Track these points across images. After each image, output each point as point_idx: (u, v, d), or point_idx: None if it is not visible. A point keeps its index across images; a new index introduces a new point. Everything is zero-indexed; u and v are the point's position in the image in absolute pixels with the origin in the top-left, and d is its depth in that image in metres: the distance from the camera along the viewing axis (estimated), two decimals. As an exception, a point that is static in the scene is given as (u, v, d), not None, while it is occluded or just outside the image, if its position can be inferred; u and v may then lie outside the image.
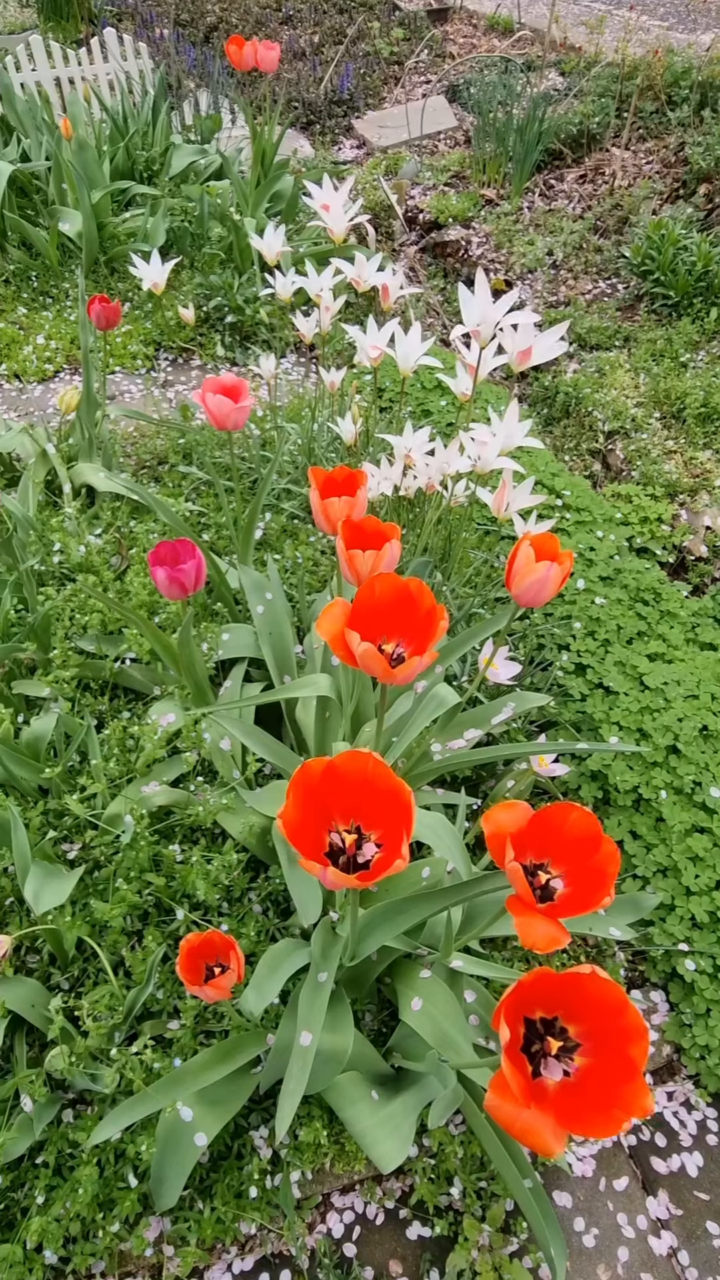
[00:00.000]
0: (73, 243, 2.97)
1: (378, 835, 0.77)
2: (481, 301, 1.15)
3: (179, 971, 0.85)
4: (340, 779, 0.76)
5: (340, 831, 0.77)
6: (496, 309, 1.16)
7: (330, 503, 1.03)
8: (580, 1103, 0.66)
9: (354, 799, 0.77)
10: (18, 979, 1.23)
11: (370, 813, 0.77)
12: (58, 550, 1.83)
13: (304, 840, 0.72)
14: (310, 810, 0.75)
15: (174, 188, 3.15)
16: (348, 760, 0.75)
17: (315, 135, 4.29)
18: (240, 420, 1.38)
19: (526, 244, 3.33)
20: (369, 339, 1.44)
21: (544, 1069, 0.69)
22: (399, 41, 4.80)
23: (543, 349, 1.19)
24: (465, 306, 1.17)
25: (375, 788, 0.76)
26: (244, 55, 2.41)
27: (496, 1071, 0.65)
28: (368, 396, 2.41)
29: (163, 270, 1.82)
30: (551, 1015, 0.71)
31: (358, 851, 0.76)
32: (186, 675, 1.42)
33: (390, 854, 0.71)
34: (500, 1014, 0.64)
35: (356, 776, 0.76)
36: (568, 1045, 0.69)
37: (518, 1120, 0.63)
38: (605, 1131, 0.62)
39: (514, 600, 1.13)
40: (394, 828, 0.74)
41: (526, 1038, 0.70)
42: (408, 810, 0.72)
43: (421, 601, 0.90)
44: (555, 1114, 0.64)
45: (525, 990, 0.66)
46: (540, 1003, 0.70)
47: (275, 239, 1.73)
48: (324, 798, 0.77)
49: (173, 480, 2.20)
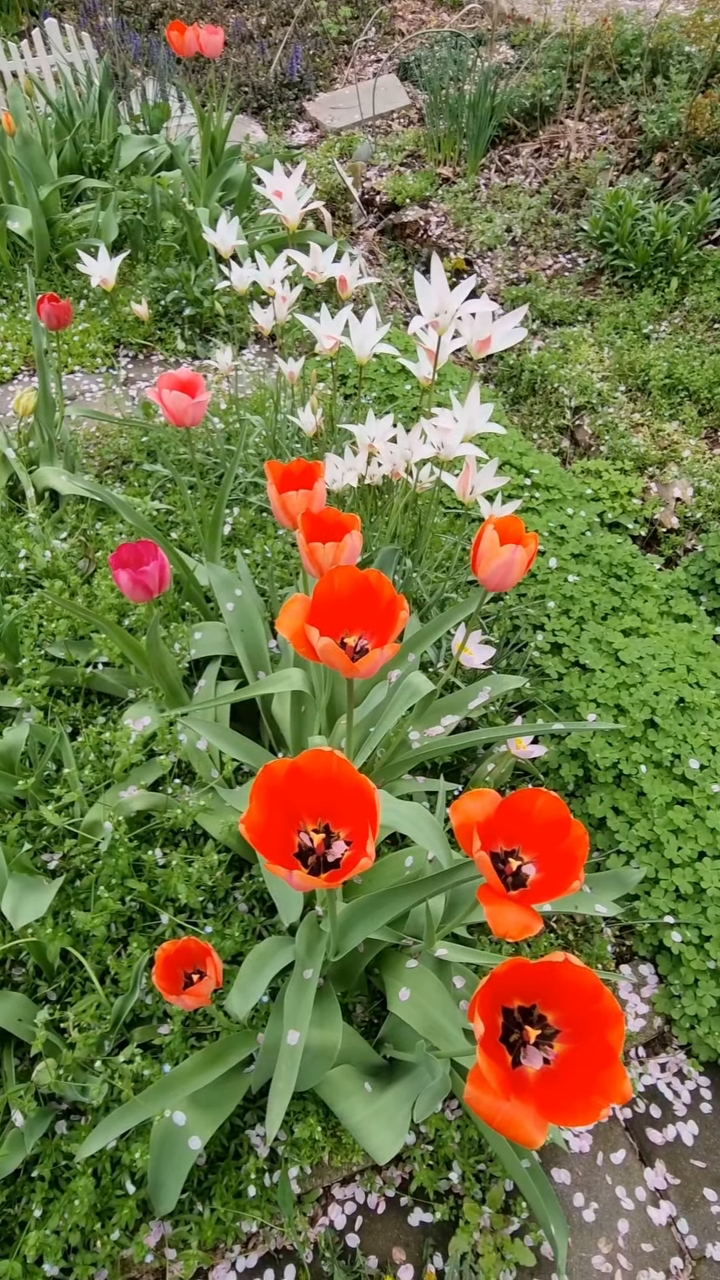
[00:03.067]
0: (23, 241, 2.91)
1: (347, 833, 0.76)
2: (438, 290, 1.13)
3: (156, 981, 0.84)
4: (306, 779, 0.75)
5: (309, 831, 0.76)
6: (454, 296, 1.14)
7: (288, 496, 1.01)
8: (559, 1090, 0.65)
9: (321, 798, 0.76)
10: (3, 993, 1.22)
11: (338, 811, 0.77)
12: (23, 557, 1.80)
13: (270, 843, 0.72)
14: (277, 812, 0.74)
15: (124, 180, 3.09)
16: (311, 760, 0.74)
17: (267, 120, 4.23)
18: (198, 416, 1.36)
19: (485, 221, 3.30)
20: (323, 328, 1.42)
21: (524, 1058, 0.68)
22: (347, 20, 4.73)
23: (501, 336, 1.17)
24: (422, 296, 1.15)
25: (340, 786, 0.75)
26: (186, 41, 2.35)
27: (475, 1064, 0.65)
28: (331, 385, 2.39)
29: (111, 265, 1.78)
30: (529, 1004, 0.70)
31: (327, 850, 0.76)
32: (158, 677, 1.41)
33: (357, 852, 0.70)
34: (475, 1007, 0.64)
35: (321, 775, 0.75)
36: (546, 1033, 0.69)
37: (498, 1112, 0.63)
38: (585, 1119, 0.62)
39: (482, 584, 1.12)
40: (362, 825, 0.73)
41: (505, 1027, 0.70)
42: (372, 807, 0.71)
43: (382, 593, 0.89)
44: (536, 1103, 0.64)
45: (500, 981, 0.66)
46: (517, 992, 0.70)
47: (229, 231, 1.70)
48: (291, 798, 0.76)
49: (138, 479, 2.18)
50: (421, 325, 1.20)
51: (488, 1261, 1.21)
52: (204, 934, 1.29)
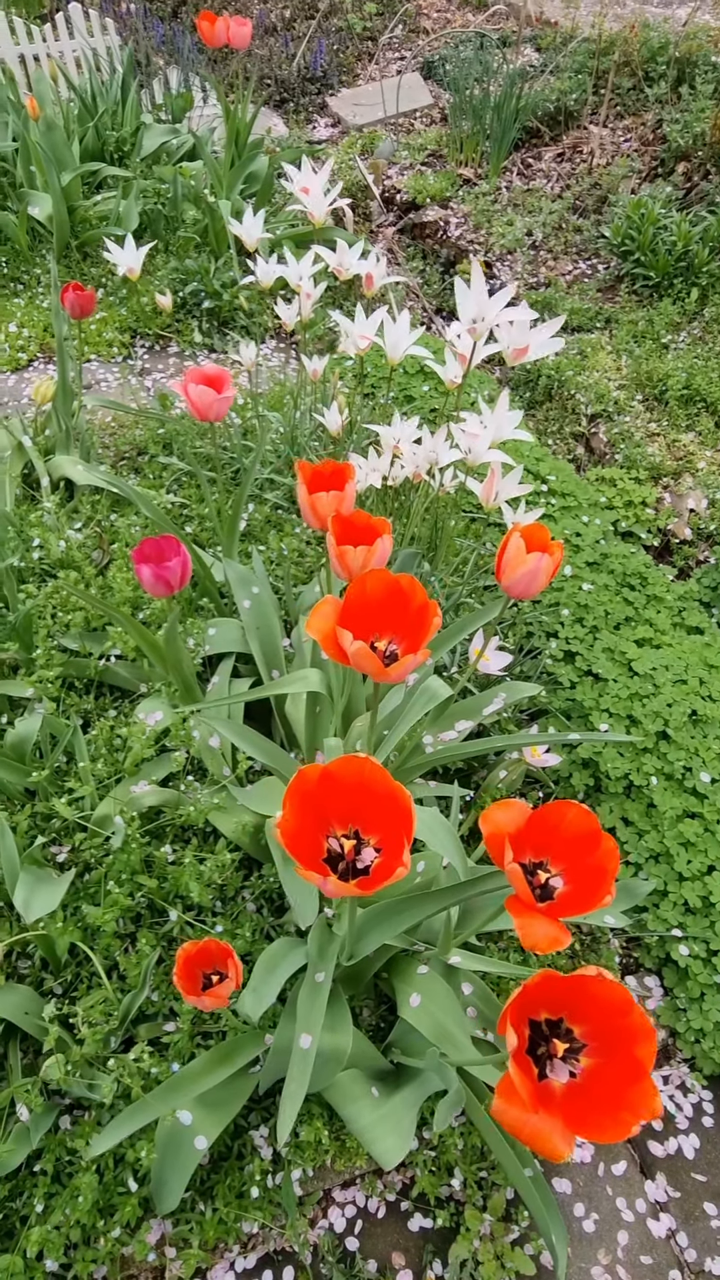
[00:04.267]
0: (43, 227, 2.90)
1: (376, 840, 0.76)
2: (478, 295, 1.13)
3: (176, 981, 0.84)
4: (337, 784, 0.75)
5: (339, 837, 0.75)
6: (493, 304, 1.13)
7: (318, 497, 1.01)
8: (587, 1105, 0.65)
9: (351, 803, 0.76)
10: (10, 986, 1.21)
11: (368, 817, 0.76)
12: (37, 546, 1.79)
13: (302, 848, 0.71)
14: (308, 816, 0.74)
15: (146, 169, 3.08)
16: (344, 765, 0.74)
17: (289, 114, 4.21)
18: (223, 411, 1.35)
19: (505, 224, 3.29)
20: (357, 328, 1.41)
21: (550, 1071, 0.68)
22: (372, 17, 4.71)
23: (538, 345, 1.17)
24: (461, 301, 1.14)
25: (372, 791, 0.75)
26: (215, 31, 2.34)
27: (503, 1076, 0.64)
28: (349, 383, 2.38)
29: (138, 255, 1.77)
30: (556, 1016, 0.70)
31: (356, 857, 0.75)
32: (173, 673, 1.40)
33: (392, 860, 0.69)
34: (506, 1018, 0.63)
35: (353, 780, 0.75)
36: (573, 1046, 0.68)
37: (526, 1125, 0.62)
38: (614, 1135, 0.62)
39: (505, 592, 1.12)
40: (393, 832, 0.73)
41: (531, 1040, 0.69)
42: (407, 814, 0.70)
43: (413, 597, 0.88)
44: (563, 1117, 0.64)
45: (531, 993, 0.65)
46: (545, 1004, 0.69)
47: (254, 225, 1.69)
48: (321, 803, 0.75)
49: (153, 471, 2.16)
50: (459, 330, 1.20)
51: (487, 1269, 1.20)
52: (214, 933, 1.28)
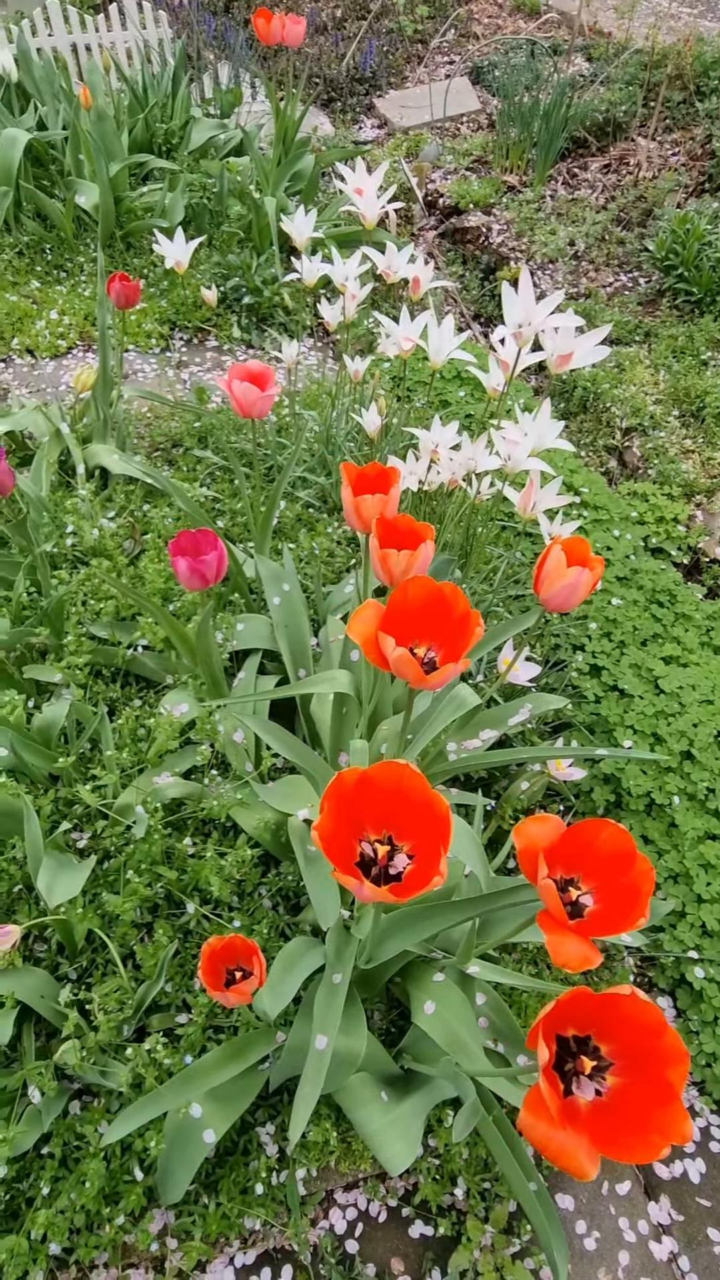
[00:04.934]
0: (88, 216, 2.92)
1: (409, 846, 0.76)
2: (525, 301, 1.12)
3: (201, 976, 0.84)
4: (373, 789, 0.75)
5: (372, 842, 0.75)
6: (539, 310, 1.13)
7: (363, 500, 1.01)
8: (614, 1124, 0.65)
9: (386, 809, 0.76)
10: (26, 969, 1.22)
11: (402, 823, 0.76)
12: (71, 533, 1.80)
13: (336, 851, 0.71)
14: (343, 820, 0.74)
15: (192, 163, 3.09)
16: (382, 771, 0.74)
17: (336, 113, 4.21)
18: (265, 408, 1.35)
19: (548, 233, 3.28)
20: (401, 330, 1.41)
21: (576, 1088, 0.68)
22: (423, 19, 4.70)
23: (583, 353, 1.16)
24: (508, 306, 1.14)
25: (408, 799, 0.74)
26: (270, 28, 2.35)
27: (530, 1091, 0.64)
28: (384, 385, 2.38)
29: (186, 249, 1.78)
30: (584, 1033, 0.70)
31: (389, 863, 0.75)
32: (203, 667, 1.41)
33: (427, 868, 0.69)
34: (538, 1032, 0.63)
35: (390, 786, 0.75)
36: (600, 1064, 0.68)
37: (552, 1141, 0.62)
38: (642, 1156, 0.61)
39: (542, 605, 1.11)
40: (429, 840, 0.73)
41: (558, 1055, 0.69)
42: (444, 823, 0.70)
43: (455, 606, 0.88)
44: (589, 1135, 0.64)
45: (563, 1008, 0.65)
46: (573, 1020, 0.69)
47: (305, 223, 1.69)
48: (356, 807, 0.75)
49: (187, 464, 2.17)
50: (504, 335, 1.19)
51: (487, 1281, 1.20)
52: (232, 928, 1.28)
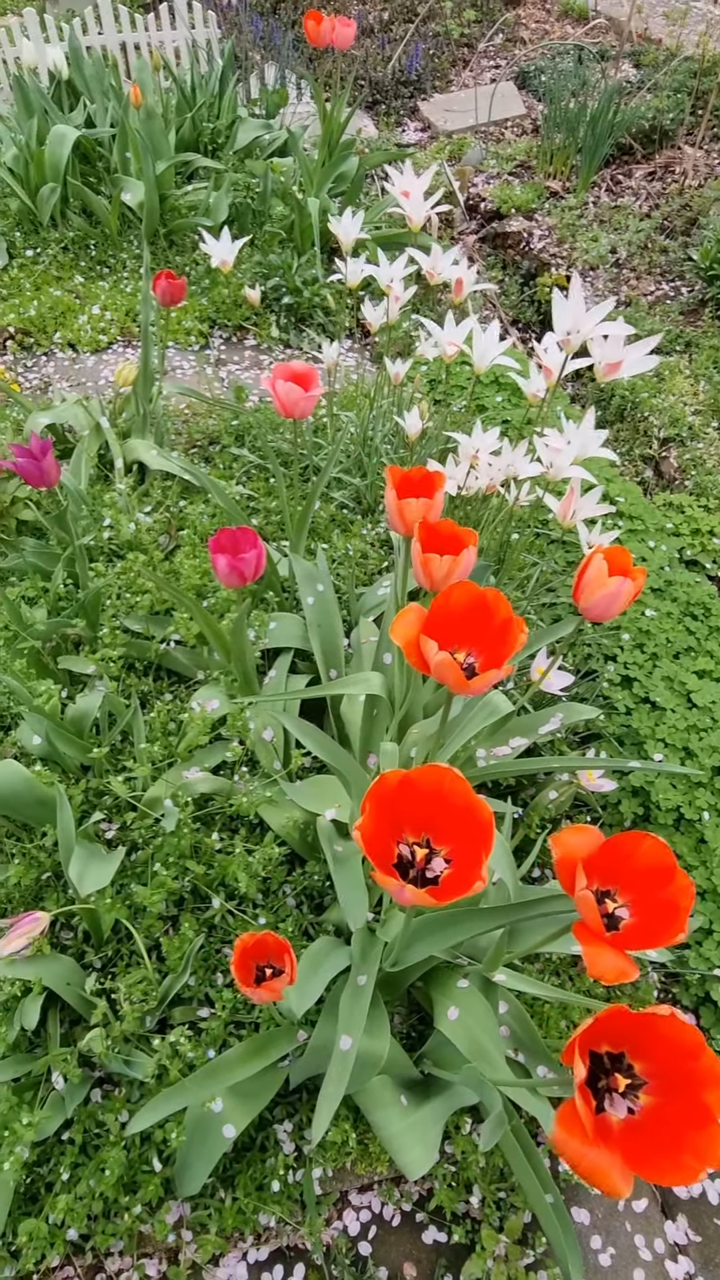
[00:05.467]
0: (133, 213, 2.95)
1: (447, 851, 0.76)
2: (575, 308, 1.12)
3: (233, 971, 0.84)
4: (414, 791, 0.75)
5: (410, 844, 0.75)
6: (589, 318, 1.12)
7: (407, 503, 1.01)
8: (648, 1144, 0.64)
9: (426, 812, 0.76)
10: (54, 956, 1.23)
11: (442, 827, 0.76)
12: (108, 526, 1.82)
13: (378, 852, 0.71)
14: (383, 821, 0.74)
15: (237, 162, 3.11)
16: (425, 774, 0.74)
17: (379, 115, 4.22)
18: (308, 409, 1.36)
19: (590, 240, 3.26)
20: (446, 334, 1.41)
21: (608, 1105, 0.67)
22: (470, 24, 4.70)
23: (632, 362, 1.15)
24: (558, 312, 1.14)
25: (449, 803, 0.74)
26: (322, 31, 2.36)
27: (563, 1106, 0.64)
28: (421, 388, 2.38)
29: (232, 248, 1.79)
30: (618, 1050, 0.69)
31: (426, 866, 0.75)
32: (236, 663, 1.41)
33: (468, 873, 0.69)
34: (574, 1047, 0.63)
35: (431, 790, 0.74)
36: (634, 1083, 0.68)
37: (585, 1158, 0.62)
38: (678, 1179, 0.61)
39: (581, 614, 1.11)
40: (469, 845, 0.73)
41: (591, 1071, 0.68)
42: (486, 829, 0.70)
43: (497, 612, 0.88)
44: (622, 1154, 0.63)
45: (600, 1024, 0.65)
46: (608, 1037, 0.69)
47: (352, 225, 1.70)
48: (395, 809, 0.75)
49: (223, 461, 2.19)
50: (553, 341, 1.19)
51: (500, 1291, 1.19)
52: (257, 925, 1.29)
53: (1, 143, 3.01)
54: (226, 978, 1.30)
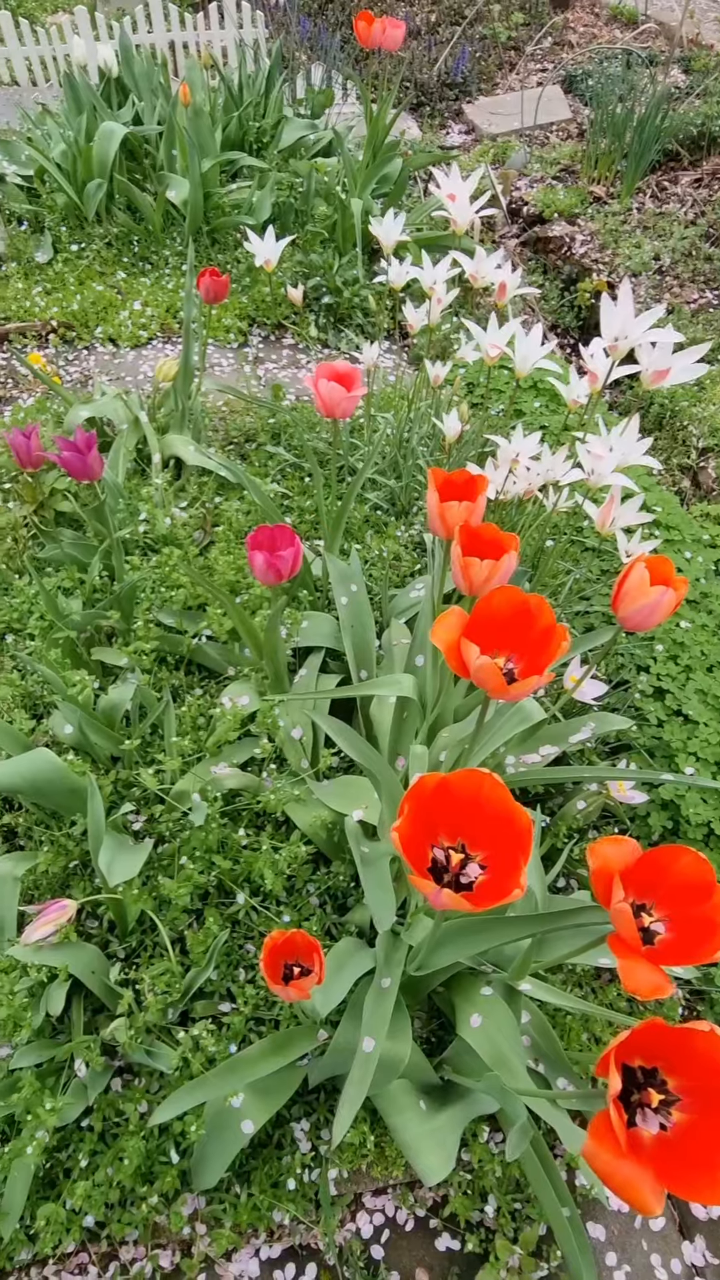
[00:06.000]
0: (177, 210, 2.97)
1: (483, 856, 0.75)
2: (624, 314, 1.11)
3: (263, 969, 0.85)
4: (451, 795, 0.74)
5: (445, 848, 0.75)
6: (638, 324, 1.11)
7: (449, 506, 1.00)
8: (681, 1161, 0.63)
9: (463, 817, 0.75)
10: (79, 944, 1.24)
11: (477, 833, 0.75)
12: (144, 520, 1.83)
13: (414, 855, 0.71)
14: (419, 824, 0.74)
15: (281, 162, 3.12)
16: (463, 778, 0.73)
17: (423, 117, 4.21)
18: (349, 409, 1.36)
19: (633, 246, 3.23)
20: (489, 337, 1.40)
21: (640, 1120, 0.66)
22: (518, 26, 4.68)
23: (680, 370, 1.14)
24: (606, 318, 1.13)
25: (486, 809, 0.74)
26: (373, 32, 2.36)
27: (596, 1120, 0.63)
28: (458, 392, 2.37)
29: (276, 247, 1.80)
30: (651, 1065, 0.68)
31: (461, 871, 0.74)
32: (268, 661, 1.42)
33: (506, 880, 0.69)
34: (609, 1059, 0.62)
35: (469, 795, 0.74)
36: (667, 1099, 0.67)
37: (617, 1172, 0.61)
38: (710, 1197, 0.60)
39: (619, 623, 1.10)
40: (506, 852, 0.72)
41: (624, 1086, 0.68)
42: (524, 837, 0.69)
43: (539, 618, 0.87)
44: (655, 1170, 0.62)
45: (636, 1038, 0.64)
46: (642, 1051, 0.68)
47: (394, 226, 1.70)
48: (432, 812, 0.75)
49: (259, 459, 2.19)
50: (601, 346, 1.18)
51: (513, 1303, 1.18)
52: (280, 922, 1.29)
53: (50, 139, 3.04)
54: (249, 973, 1.30)
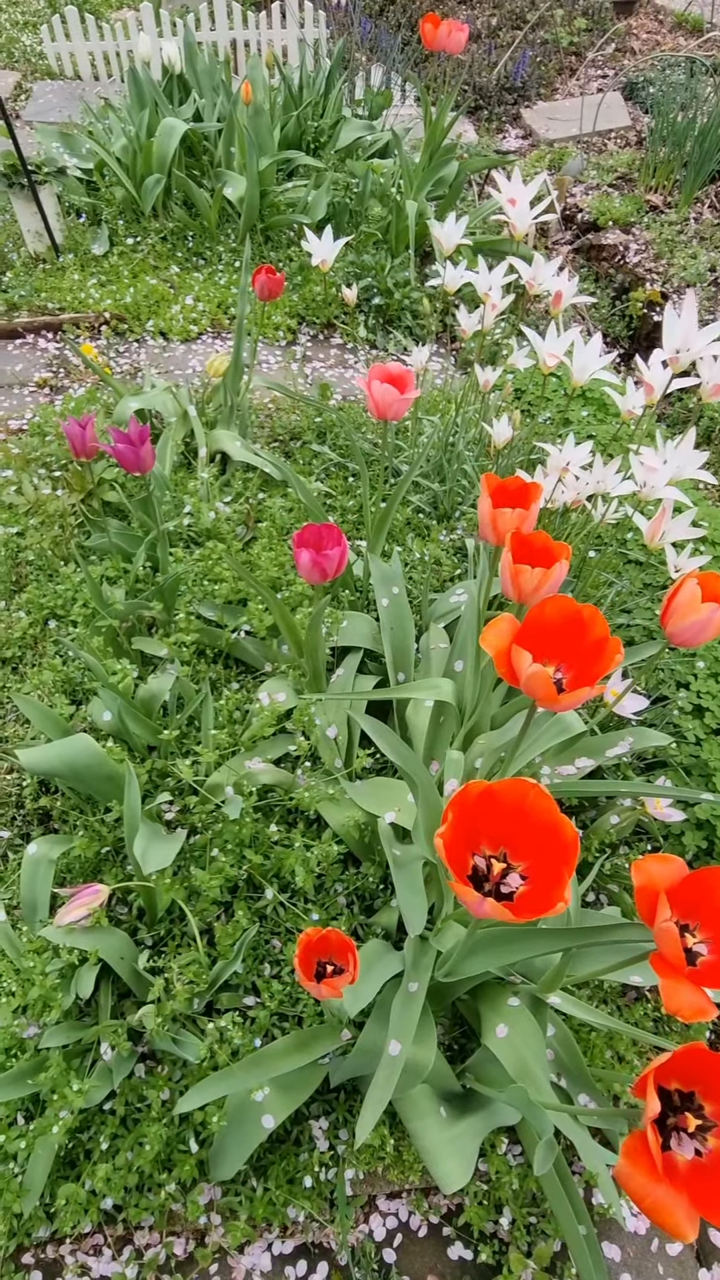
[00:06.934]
0: (232, 207, 2.99)
1: (524, 867, 0.75)
2: (687, 326, 1.09)
3: (296, 965, 0.85)
4: (496, 804, 0.74)
5: (488, 857, 0.74)
6: (701, 336, 1.10)
7: (501, 513, 1.00)
8: (715, 1188, 0.62)
9: (506, 826, 0.75)
10: (109, 929, 1.26)
11: (520, 843, 0.75)
12: (188, 513, 1.85)
13: (457, 862, 0.71)
14: (462, 831, 0.73)
15: (338, 162, 3.13)
16: (508, 787, 0.73)
17: (481, 121, 4.20)
18: (401, 411, 1.36)
19: (688, 257, 3.19)
20: (548, 345, 1.39)
21: (675, 1144, 0.65)
22: (580, 32, 4.64)
23: (744, 382, 1.13)
24: (669, 330, 1.11)
25: (531, 819, 0.73)
26: (438, 34, 2.36)
27: (630, 1140, 0.62)
28: (506, 398, 2.36)
29: (333, 247, 1.80)
30: (688, 1089, 0.67)
31: (502, 880, 0.74)
32: (308, 658, 1.42)
33: (548, 892, 0.68)
34: (647, 1081, 0.61)
35: (513, 804, 0.74)
36: (705, 1124, 0.66)
37: (651, 1195, 0.60)
38: (747, 1229, 0.58)
39: (667, 638, 1.08)
40: (549, 864, 0.71)
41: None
42: (569, 849, 0.69)
43: (592, 629, 0.86)
44: (689, 1194, 0.61)
45: (676, 1061, 0.63)
46: (680, 1074, 0.67)
47: (455, 230, 1.69)
48: (475, 820, 0.75)
49: (303, 458, 2.20)
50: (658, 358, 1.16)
51: (525, 1318, 1.17)
52: (309, 920, 1.29)
53: (111, 133, 3.08)
54: (274, 968, 1.31)
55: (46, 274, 2.83)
